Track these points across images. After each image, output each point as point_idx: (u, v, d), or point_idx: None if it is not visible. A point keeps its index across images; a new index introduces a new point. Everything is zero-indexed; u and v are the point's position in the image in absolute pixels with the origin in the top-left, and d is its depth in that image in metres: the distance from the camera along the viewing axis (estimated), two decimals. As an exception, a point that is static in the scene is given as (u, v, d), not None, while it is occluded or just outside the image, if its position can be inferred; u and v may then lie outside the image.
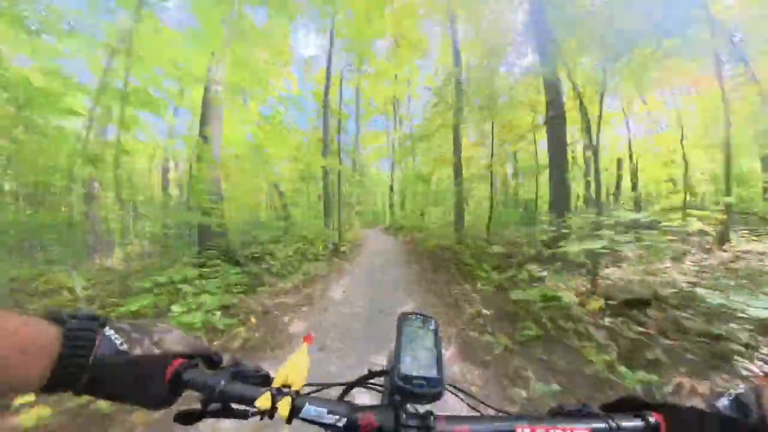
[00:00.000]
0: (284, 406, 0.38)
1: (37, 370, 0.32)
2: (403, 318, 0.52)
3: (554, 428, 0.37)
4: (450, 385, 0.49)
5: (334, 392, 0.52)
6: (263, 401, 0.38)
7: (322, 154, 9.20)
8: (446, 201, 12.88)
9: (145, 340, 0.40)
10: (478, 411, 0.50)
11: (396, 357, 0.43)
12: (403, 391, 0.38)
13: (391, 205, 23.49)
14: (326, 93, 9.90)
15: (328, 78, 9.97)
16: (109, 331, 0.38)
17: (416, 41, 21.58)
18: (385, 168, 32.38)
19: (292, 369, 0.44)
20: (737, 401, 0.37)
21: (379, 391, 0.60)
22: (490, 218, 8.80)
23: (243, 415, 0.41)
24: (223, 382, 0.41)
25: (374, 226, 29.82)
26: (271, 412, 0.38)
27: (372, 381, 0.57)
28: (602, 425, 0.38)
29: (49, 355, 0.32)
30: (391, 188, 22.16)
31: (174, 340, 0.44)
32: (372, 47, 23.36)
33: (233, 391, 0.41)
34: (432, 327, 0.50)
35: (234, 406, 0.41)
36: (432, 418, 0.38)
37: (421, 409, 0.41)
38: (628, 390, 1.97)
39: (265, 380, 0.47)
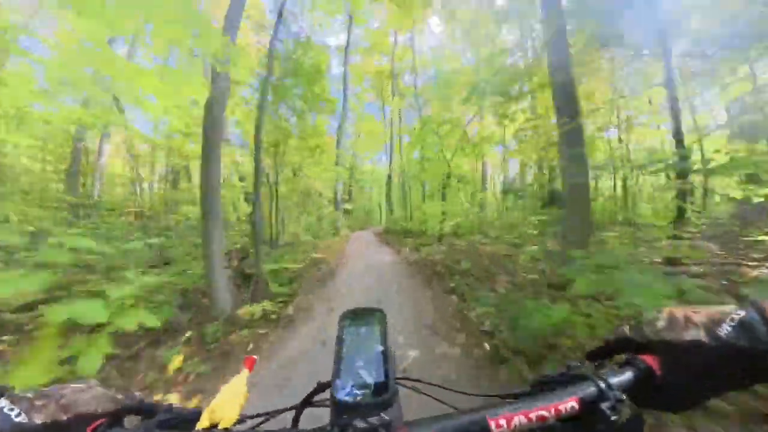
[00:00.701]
0: None
1: None
2: (345, 317, 0.46)
3: (536, 410, 0.31)
4: (401, 379, 0.42)
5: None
6: None
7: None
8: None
9: (50, 405, 0.33)
10: (445, 402, 0.42)
11: (335, 366, 0.37)
12: (346, 407, 0.32)
13: (389, 196, 17.36)
14: None
15: None
16: (1, 403, 0.32)
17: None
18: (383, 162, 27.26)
19: (222, 403, 0.38)
20: (742, 326, 0.32)
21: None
22: None
23: None
24: None
25: (368, 226, 24.58)
26: None
27: (321, 397, 0.45)
28: (591, 389, 0.33)
29: None
30: (389, 177, 16.18)
31: (92, 400, 0.36)
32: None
33: None
34: (378, 320, 0.45)
35: None
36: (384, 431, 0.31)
37: (373, 421, 0.31)
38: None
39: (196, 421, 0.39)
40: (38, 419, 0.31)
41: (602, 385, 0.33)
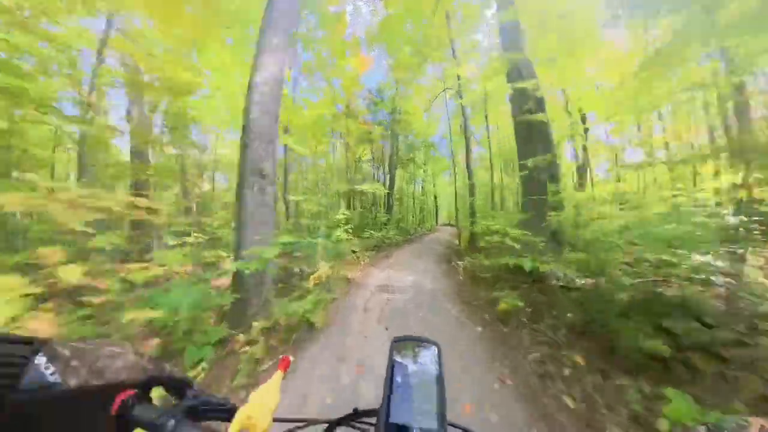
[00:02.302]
0: None
1: None
2: (397, 344, 0.43)
3: None
4: (452, 426, 0.41)
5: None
6: None
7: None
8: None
9: (83, 369, 0.33)
10: None
11: (385, 398, 0.34)
12: None
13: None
14: None
15: None
16: (39, 359, 0.31)
17: None
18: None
19: (257, 406, 0.37)
20: None
21: None
22: None
23: None
24: (173, 422, 0.33)
25: (422, 233, 14.84)
26: None
27: (360, 421, 0.45)
28: None
29: None
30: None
31: (124, 366, 0.36)
32: None
33: None
34: (433, 356, 0.41)
35: None
36: None
37: None
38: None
39: (230, 415, 0.38)
40: (71, 381, 0.31)
41: None
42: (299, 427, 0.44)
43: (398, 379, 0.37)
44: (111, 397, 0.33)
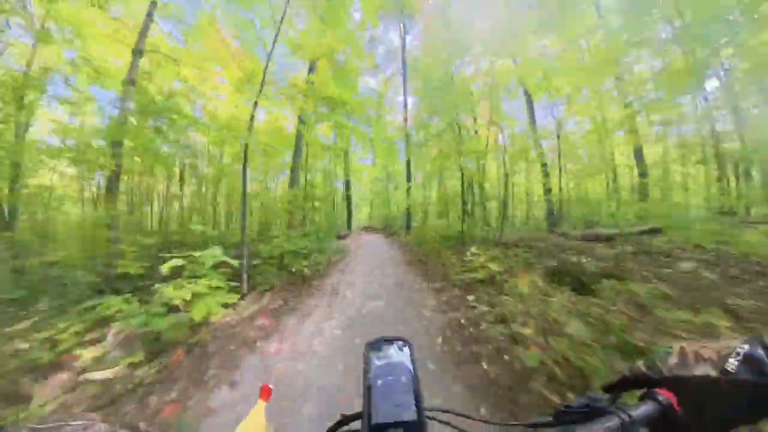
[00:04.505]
0: None
1: None
2: (371, 347, 0.45)
3: None
4: (431, 411, 0.42)
5: None
6: None
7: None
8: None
9: None
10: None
11: (365, 401, 0.37)
12: None
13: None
14: None
15: None
16: None
17: None
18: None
19: None
20: (747, 359, 0.33)
21: None
22: None
23: None
24: None
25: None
26: None
27: (347, 429, 0.46)
28: (615, 421, 0.33)
29: None
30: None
31: None
32: None
33: None
34: (406, 352, 0.44)
35: None
36: None
37: None
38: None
39: None
40: None
41: (626, 419, 0.33)
42: None
43: (376, 380, 0.38)
44: None
